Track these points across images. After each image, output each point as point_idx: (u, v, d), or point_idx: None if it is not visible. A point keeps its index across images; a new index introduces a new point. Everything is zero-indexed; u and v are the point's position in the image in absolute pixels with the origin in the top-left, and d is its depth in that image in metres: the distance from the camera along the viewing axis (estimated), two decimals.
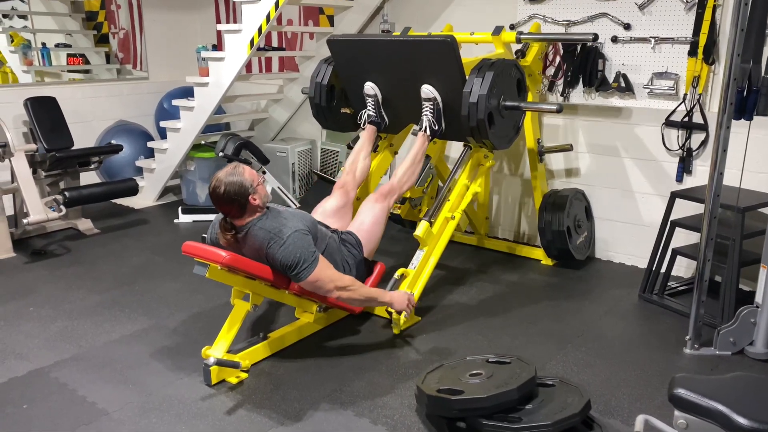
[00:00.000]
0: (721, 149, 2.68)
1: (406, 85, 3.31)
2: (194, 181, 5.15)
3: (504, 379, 2.27)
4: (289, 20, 5.42)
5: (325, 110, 3.69)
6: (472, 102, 3.05)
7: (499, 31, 3.60)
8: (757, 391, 1.77)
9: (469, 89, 3.06)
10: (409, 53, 3.26)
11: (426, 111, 3.27)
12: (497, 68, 3.09)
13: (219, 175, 2.59)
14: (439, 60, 3.15)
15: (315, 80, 3.66)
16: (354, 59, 3.50)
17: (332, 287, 2.67)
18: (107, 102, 5.65)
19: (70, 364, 2.80)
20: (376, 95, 3.46)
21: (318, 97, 3.65)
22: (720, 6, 3.41)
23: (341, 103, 3.74)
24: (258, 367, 2.77)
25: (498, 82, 3.09)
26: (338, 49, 3.53)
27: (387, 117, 3.53)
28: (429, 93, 3.23)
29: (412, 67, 3.26)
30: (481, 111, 3.04)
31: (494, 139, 3.18)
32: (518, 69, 3.28)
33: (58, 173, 4.52)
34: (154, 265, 3.99)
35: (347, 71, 3.58)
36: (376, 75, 3.43)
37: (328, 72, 3.63)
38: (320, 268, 2.62)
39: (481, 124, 3.07)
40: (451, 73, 3.14)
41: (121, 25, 6.08)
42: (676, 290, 3.55)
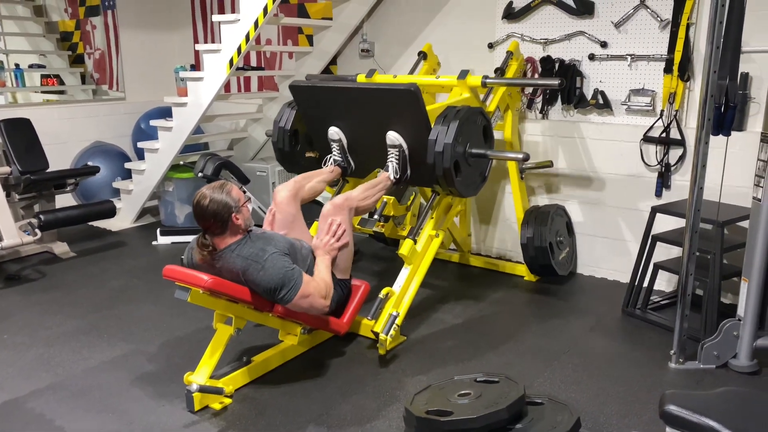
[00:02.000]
0: (700, 165, 2.72)
1: (371, 130, 3.26)
2: (173, 202, 5.08)
3: (493, 398, 2.25)
4: (268, 40, 5.42)
5: (289, 155, 3.62)
6: (437, 151, 3.00)
7: (464, 75, 3.55)
8: (747, 405, 1.78)
9: (434, 137, 3.01)
10: (373, 100, 3.22)
11: (391, 157, 3.23)
12: (463, 116, 3.05)
13: (205, 190, 2.56)
14: (403, 108, 3.11)
15: (278, 125, 3.59)
16: (318, 105, 3.45)
17: (322, 301, 2.64)
18: (83, 123, 5.58)
19: (47, 394, 2.71)
20: (341, 140, 3.41)
21: (281, 142, 3.59)
22: (693, 24, 3.48)
23: (305, 147, 3.68)
24: (242, 392, 2.72)
25: (464, 129, 3.05)
26: (302, 95, 3.48)
27: (353, 161, 3.48)
28: (394, 140, 3.19)
29: (377, 114, 3.22)
30: (447, 159, 3.00)
31: (461, 187, 3.14)
32: (484, 116, 3.26)
33: (32, 196, 4.43)
34: (133, 288, 3.91)
35: (311, 116, 3.53)
36: (341, 120, 3.39)
37: (292, 116, 3.58)
38: (306, 283, 2.59)
39: (447, 172, 3.03)
40: (416, 120, 3.11)
41: (97, 46, 6.02)
42: (658, 304, 3.57)
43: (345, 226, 2.93)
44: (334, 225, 2.91)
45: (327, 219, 2.95)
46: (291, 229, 2.98)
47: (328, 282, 2.75)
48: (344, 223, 2.94)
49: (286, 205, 3.03)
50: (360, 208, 3.10)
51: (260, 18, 4.10)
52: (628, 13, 3.67)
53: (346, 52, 4.96)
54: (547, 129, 4.06)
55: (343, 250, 2.93)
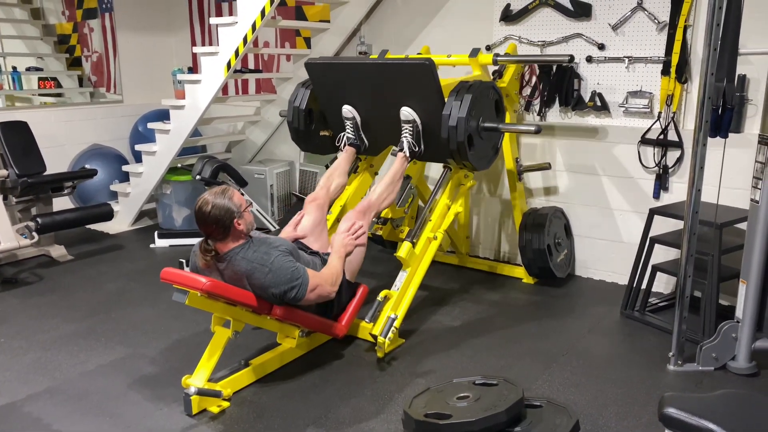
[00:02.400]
0: (698, 167, 2.72)
1: (384, 107, 3.31)
2: (170, 205, 5.07)
3: (492, 401, 2.25)
4: (266, 42, 5.42)
5: (304, 134, 3.67)
6: (451, 125, 3.06)
7: (476, 53, 3.63)
8: (746, 408, 1.78)
9: (448, 112, 3.07)
10: (387, 76, 3.27)
11: (405, 133, 3.28)
12: (475, 90, 3.10)
13: (207, 196, 2.57)
14: (417, 83, 3.15)
15: (293, 104, 3.64)
16: (332, 82, 3.49)
17: (330, 288, 2.75)
18: (80, 126, 5.56)
19: (44, 398, 2.70)
20: (355, 118, 3.46)
21: (296, 121, 3.64)
22: (691, 26, 3.49)
23: (320, 125, 3.72)
24: (240, 395, 2.71)
25: (476, 104, 3.11)
26: (316, 72, 3.52)
27: (366, 139, 3.53)
28: (408, 115, 3.23)
29: (391, 90, 3.26)
30: (460, 133, 3.06)
31: (474, 160, 3.20)
32: (496, 91, 3.31)
33: (30, 199, 4.42)
34: (131, 291, 3.90)
35: (325, 94, 3.58)
36: (355, 98, 3.43)
37: (306, 95, 3.62)
38: (312, 276, 2.66)
39: (461, 146, 3.09)
40: (430, 95, 3.15)
41: (95, 48, 6.01)
42: (656, 306, 3.57)
43: (365, 229, 3.07)
44: (356, 225, 3.04)
45: (349, 221, 3.07)
46: (313, 234, 3.10)
47: (339, 270, 2.85)
48: (365, 227, 3.08)
49: (315, 211, 3.20)
50: (382, 208, 3.27)
51: (258, 21, 4.10)
52: (625, 16, 3.67)
53: (344, 55, 4.96)
54: (545, 131, 4.06)
55: (355, 253, 3.02)
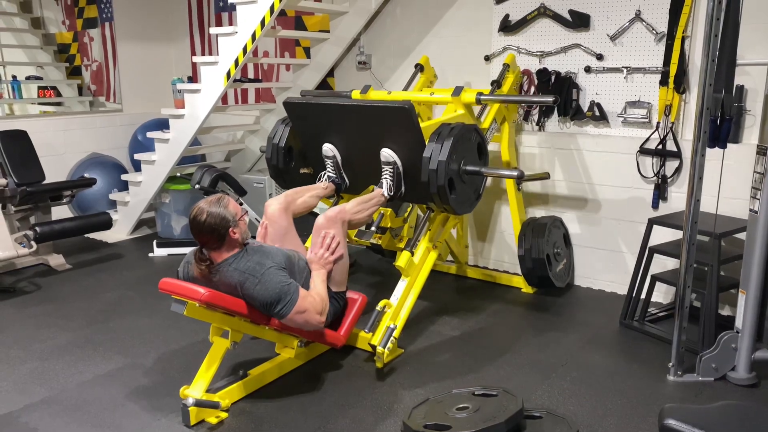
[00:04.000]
0: (697, 177, 2.72)
1: (365, 147, 3.26)
2: (169, 214, 5.07)
3: (491, 412, 2.24)
4: (266, 52, 5.44)
5: (283, 171, 3.63)
6: (431, 168, 2.99)
7: (459, 92, 3.55)
8: (747, 419, 1.77)
9: (428, 155, 3.01)
10: (367, 117, 3.22)
11: (386, 174, 3.23)
12: (457, 133, 3.04)
13: (202, 205, 2.55)
14: (397, 125, 3.11)
15: (272, 141, 3.60)
16: (311, 121, 3.45)
17: (317, 317, 2.64)
18: (80, 135, 5.57)
19: (41, 408, 2.69)
20: (335, 157, 3.41)
21: (275, 159, 3.59)
22: (689, 37, 3.50)
23: (299, 163, 3.68)
24: (238, 406, 2.69)
25: (458, 147, 3.04)
26: (295, 111, 3.48)
27: (347, 178, 3.48)
28: (389, 157, 3.19)
29: (371, 131, 3.21)
30: (441, 177, 2.99)
31: (455, 204, 3.13)
32: (478, 133, 3.25)
33: (28, 208, 4.41)
34: (129, 300, 3.89)
35: (305, 132, 3.53)
36: (335, 137, 3.38)
37: (286, 133, 3.58)
38: (303, 298, 2.58)
39: (442, 190, 3.02)
40: (410, 137, 3.10)
41: (95, 58, 6.04)
42: (656, 316, 3.57)
43: (339, 238, 2.92)
44: (328, 238, 2.90)
45: (320, 232, 2.94)
46: (283, 242, 2.96)
47: (324, 297, 2.74)
48: (338, 236, 2.93)
49: (277, 218, 3.02)
50: (353, 222, 3.09)
51: (257, 31, 4.12)
52: (623, 26, 3.69)
53: (343, 65, 4.97)
54: (544, 141, 4.07)
55: (338, 263, 2.92)
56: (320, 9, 4.77)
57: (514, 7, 4.04)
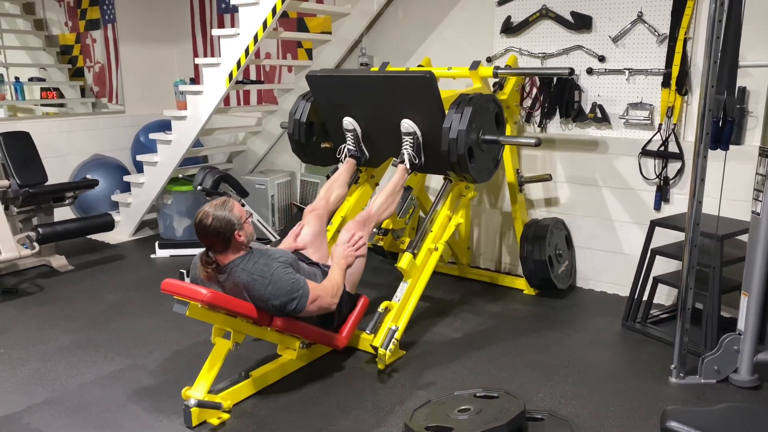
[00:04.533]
0: (699, 179, 2.72)
1: (385, 119, 3.31)
2: (171, 215, 5.07)
3: (493, 414, 2.24)
4: (267, 53, 5.44)
5: (305, 146, 3.68)
6: (452, 138, 3.06)
7: (476, 66, 3.64)
8: (749, 422, 1.77)
9: (448, 125, 3.07)
10: (387, 88, 3.27)
11: (406, 145, 3.28)
12: (476, 103, 3.11)
13: (207, 208, 2.57)
14: (418, 95, 3.16)
15: (293, 117, 3.65)
16: (333, 94, 3.50)
17: (330, 300, 2.73)
18: (82, 136, 5.58)
19: (43, 409, 2.69)
20: (356, 130, 3.46)
21: (297, 134, 3.64)
22: (691, 39, 3.50)
23: (321, 137, 3.73)
24: (240, 407, 2.70)
25: (477, 116, 3.11)
26: (317, 84, 3.53)
27: (367, 151, 3.53)
28: (409, 127, 3.24)
29: (392, 102, 3.26)
30: (461, 146, 3.06)
31: (474, 173, 3.20)
32: (496, 103, 3.31)
33: (31, 209, 4.42)
34: (131, 301, 3.90)
35: (326, 106, 3.58)
36: (356, 110, 3.43)
37: (307, 108, 3.63)
38: (313, 288, 2.65)
39: (462, 159, 3.09)
40: (430, 108, 3.15)
41: (97, 59, 6.05)
42: (658, 318, 3.56)
43: (365, 240, 3.05)
44: (356, 236, 3.02)
45: (349, 231, 3.04)
46: (312, 245, 3.09)
47: (339, 283, 2.83)
48: (365, 238, 3.06)
49: (314, 222, 3.21)
50: (382, 219, 3.25)
51: (260, 32, 4.13)
52: (625, 28, 3.69)
53: (345, 66, 4.98)
54: (546, 142, 4.07)
55: (356, 264, 3.00)
56: (322, 10, 4.78)
57: (516, 8, 4.05)
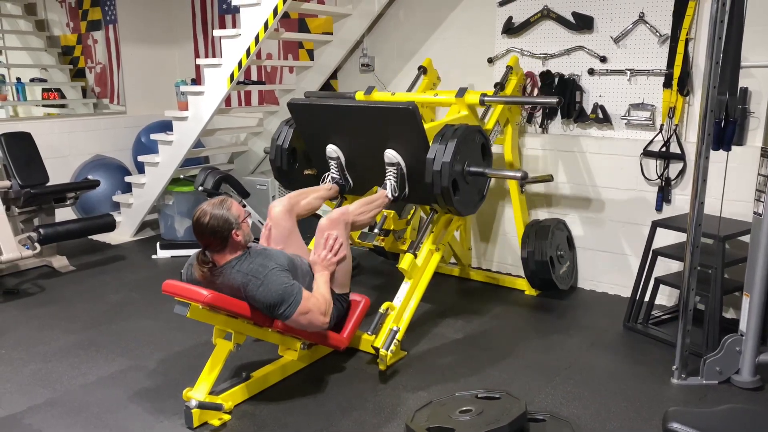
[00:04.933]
0: (701, 179, 2.72)
1: (369, 148, 3.25)
2: (173, 216, 5.08)
3: (494, 415, 2.24)
4: (269, 54, 5.45)
5: (287, 173, 3.63)
6: (435, 169, 2.99)
7: (462, 93, 3.55)
8: (751, 423, 1.76)
9: (432, 156, 3.00)
10: (370, 119, 3.22)
11: (389, 175, 3.22)
12: (461, 135, 3.04)
13: (205, 207, 2.56)
14: (401, 126, 3.11)
15: (275, 142, 3.59)
16: (315, 122, 3.45)
17: (321, 317, 2.64)
18: (83, 137, 5.58)
19: (45, 410, 2.69)
20: (339, 158, 3.40)
21: (279, 160, 3.59)
22: (692, 39, 3.50)
23: (303, 164, 3.68)
24: (241, 408, 2.69)
25: (462, 148, 3.04)
26: (299, 112, 3.48)
27: (351, 179, 3.47)
28: (392, 158, 3.19)
29: (375, 132, 3.21)
30: (444, 178, 2.98)
31: (459, 206, 3.13)
32: (482, 134, 3.25)
33: (32, 210, 4.42)
34: (132, 302, 3.90)
35: (309, 134, 3.53)
36: (339, 138, 3.38)
37: (289, 134, 3.58)
38: (306, 299, 2.58)
39: (446, 191, 3.02)
40: (414, 139, 3.10)
41: (98, 60, 6.05)
42: (659, 319, 3.55)
43: (342, 239, 2.92)
44: (331, 239, 2.89)
45: (323, 233, 2.94)
46: (287, 244, 2.96)
47: (328, 298, 2.74)
48: (341, 237, 2.92)
49: (281, 220, 3.02)
50: (357, 223, 3.09)
51: (261, 33, 4.13)
52: (627, 28, 3.68)
53: (346, 67, 4.98)
54: (547, 143, 4.07)
55: (341, 265, 2.91)
56: (323, 11, 4.78)
57: (517, 9, 4.04)
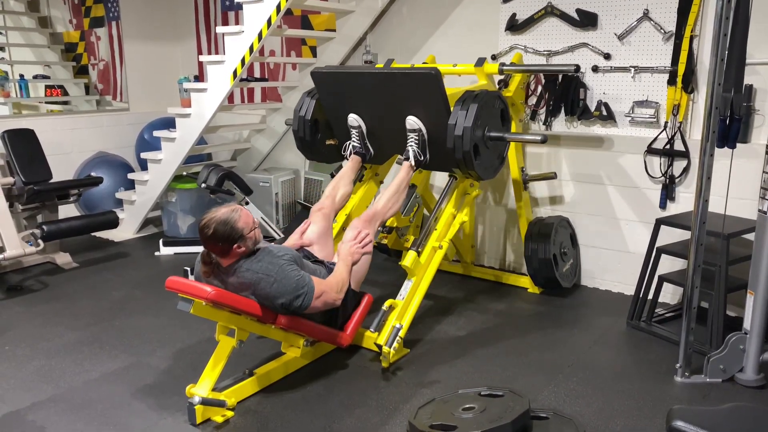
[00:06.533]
0: (705, 177, 2.71)
1: (390, 116, 3.30)
2: (175, 213, 5.08)
3: (497, 413, 2.23)
4: (272, 51, 5.44)
5: (310, 143, 3.67)
6: (457, 134, 3.05)
7: (481, 62, 3.63)
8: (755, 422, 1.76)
9: (454, 121, 3.07)
10: (393, 85, 3.27)
11: (411, 142, 3.27)
12: (481, 100, 3.10)
13: (212, 215, 2.56)
14: (423, 92, 3.15)
15: (298, 114, 3.64)
16: (338, 91, 3.49)
17: (336, 295, 2.74)
18: (86, 133, 5.59)
19: (48, 406, 2.69)
20: (361, 126, 3.46)
21: (302, 131, 3.63)
22: (697, 36, 3.48)
23: (325, 135, 3.72)
24: (244, 404, 2.70)
25: (482, 113, 3.10)
26: (321, 81, 3.52)
27: (372, 148, 3.53)
28: (414, 124, 3.23)
29: (397, 99, 3.26)
30: (466, 143, 3.05)
31: (480, 170, 3.19)
32: (501, 100, 3.30)
33: (35, 206, 4.43)
34: (135, 299, 3.90)
35: (331, 103, 3.57)
36: (361, 107, 3.43)
37: (312, 105, 3.62)
38: (318, 283, 2.66)
39: (467, 155, 3.08)
40: (436, 104, 3.15)
41: (101, 57, 6.05)
42: (663, 317, 3.55)
43: (371, 238, 3.06)
44: (363, 233, 3.03)
45: (355, 229, 3.05)
46: (317, 242, 3.11)
47: (345, 278, 2.83)
48: (371, 236, 3.07)
49: (321, 220, 3.20)
50: (388, 216, 3.25)
51: (264, 30, 4.12)
52: (631, 25, 3.67)
53: (349, 64, 4.97)
54: (551, 140, 4.06)
55: (362, 260, 3.00)
56: (327, 8, 4.77)
57: (521, 6, 4.03)
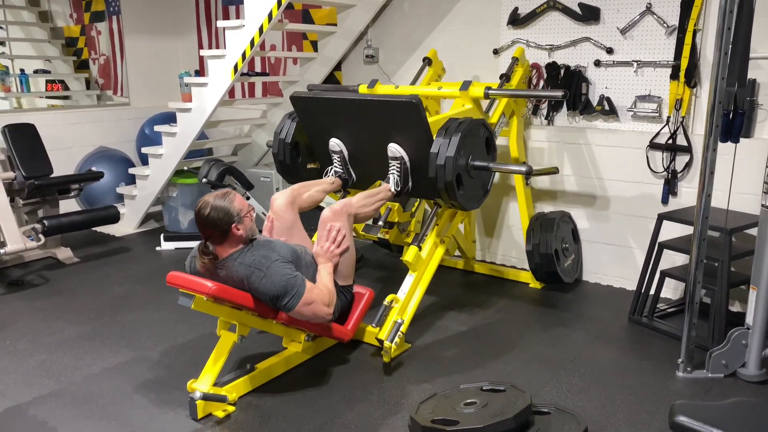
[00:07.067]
0: (708, 171, 2.70)
1: (372, 142, 3.23)
2: (176, 208, 5.07)
3: (499, 408, 2.23)
4: (273, 45, 5.42)
5: (290, 167, 3.60)
6: (439, 164, 2.95)
7: (467, 86, 3.51)
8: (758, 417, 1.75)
9: (436, 150, 2.96)
10: (374, 112, 3.19)
11: (393, 170, 3.19)
12: (465, 128, 3.00)
13: (207, 198, 2.56)
14: (404, 120, 3.08)
15: (278, 137, 3.56)
16: (318, 116, 3.42)
17: (325, 308, 2.62)
18: (87, 128, 5.58)
19: (50, 400, 2.69)
20: (342, 151, 3.38)
21: (282, 154, 3.56)
22: (700, 30, 3.46)
23: (306, 158, 3.65)
24: (245, 399, 2.70)
25: (466, 142, 3.00)
26: (302, 106, 3.45)
27: (354, 173, 3.44)
28: (395, 152, 3.16)
29: (378, 126, 3.18)
30: (448, 173, 2.95)
31: (463, 200, 3.09)
32: (486, 128, 3.20)
33: (36, 201, 4.42)
34: (136, 294, 3.90)
35: (312, 128, 3.51)
36: (342, 132, 3.36)
37: (292, 128, 3.54)
38: (309, 290, 2.57)
39: (449, 186, 2.98)
40: (418, 133, 3.07)
41: (102, 51, 6.03)
42: (665, 312, 3.54)
43: (344, 231, 2.89)
44: (333, 231, 2.87)
45: (326, 225, 2.92)
46: (290, 236, 2.96)
47: (331, 289, 2.73)
48: (344, 229, 2.89)
49: (283, 212, 3.00)
50: (360, 215, 3.06)
51: (265, 24, 4.10)
52: (634, 20, 3.65)
53: (350, 58, 4.95)
54: (553, 135, 4.04)
55: (344, 256, 2.89)
56: (328, 2, 4.75)
57: (523, 0, 4.01)
